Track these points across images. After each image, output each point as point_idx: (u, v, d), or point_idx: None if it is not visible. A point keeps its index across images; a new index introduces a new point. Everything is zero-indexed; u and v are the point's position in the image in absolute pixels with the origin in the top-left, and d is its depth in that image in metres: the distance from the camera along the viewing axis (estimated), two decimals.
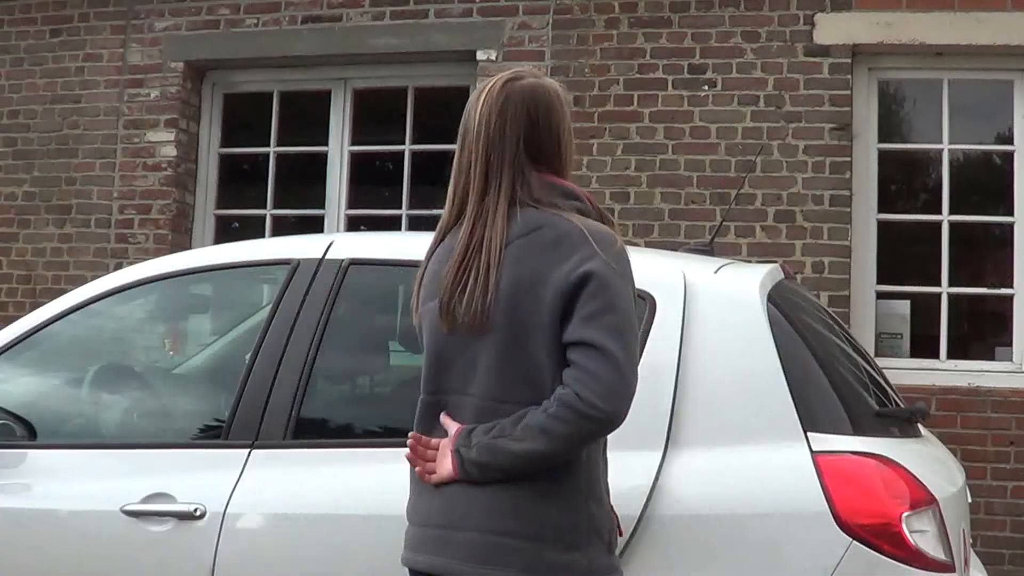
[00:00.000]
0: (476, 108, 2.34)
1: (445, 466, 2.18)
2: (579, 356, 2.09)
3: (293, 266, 3.27)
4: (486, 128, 2.29)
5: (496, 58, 6.31)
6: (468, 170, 2.29)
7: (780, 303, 2.99)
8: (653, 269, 3.03)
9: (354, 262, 3.25)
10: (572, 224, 2.19)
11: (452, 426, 2.21)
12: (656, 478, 2.74)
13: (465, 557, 2.14)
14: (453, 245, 2.25)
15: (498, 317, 2.16)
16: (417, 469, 2.25)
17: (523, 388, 2.15)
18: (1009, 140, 6.07)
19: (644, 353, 2.71)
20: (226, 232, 6.91)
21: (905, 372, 5.57)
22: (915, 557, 2.61)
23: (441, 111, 6.95)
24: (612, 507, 2.29)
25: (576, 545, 2.15)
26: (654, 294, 2.90)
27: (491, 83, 2.35)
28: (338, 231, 6.53)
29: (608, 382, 2.06)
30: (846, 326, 4.55)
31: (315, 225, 6.71)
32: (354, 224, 6.72)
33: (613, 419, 2.08)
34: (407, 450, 2.27)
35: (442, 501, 2.20)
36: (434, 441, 2.23)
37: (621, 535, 2.33)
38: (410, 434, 2.27)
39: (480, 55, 6.34)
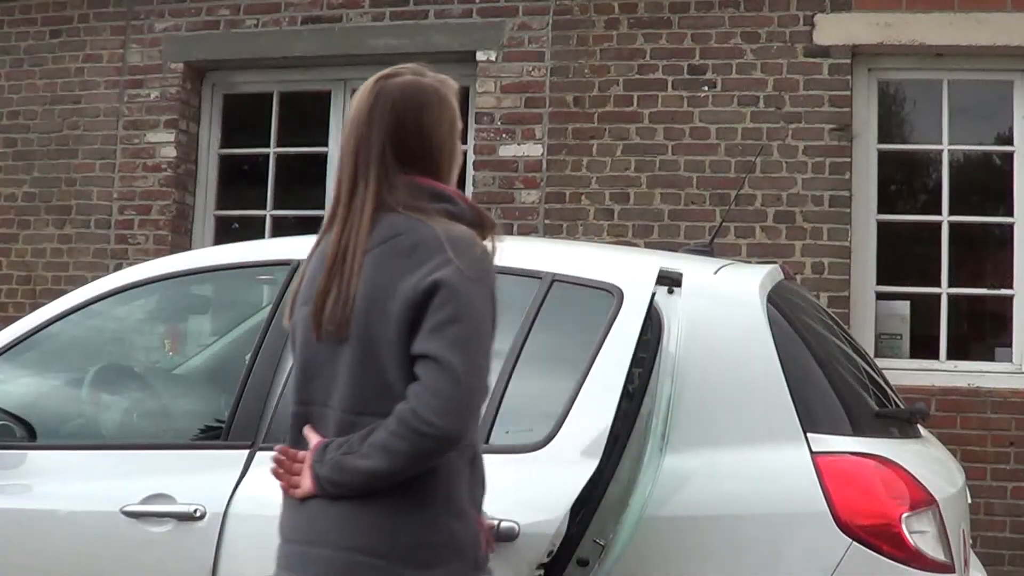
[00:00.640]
0: (351, 108, 2.26)
1: (306, 481, 2.11)
2: (421, 370, 2.01)
3: (293, 267, 3.27)
4: (355, 129, 2.22)
5: (496, 59, 6.31)
6: (340, 173, 2.24)
7: (780, 304, 2.99)
8: (624, 263, 3.07)
9: None
10: (431, 230, 2.11)
11: (313, 440, 2.14)
12: (655, 478, 2.74)
13: (322, 573, 2.08)
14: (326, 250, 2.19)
15: (354, 328, 2.09)
16: (281, 484, 2.19)
17: (378, 401, 2.07)
18: (1009, 141, 6.07)
19: (604, 346, 2.73)
20: (226, 233, 6.91)
21: (905, 373, 5.57)
22: (915, 558, 2.61)
23: None
24: (482, 521, 2.19)
25: (431, 563, 2.07)
26: (622, 287, 2.88)
27: (367, 81, 2.27)
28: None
29: (446, 397, 1.98)
30: (846, 327, 4.56)
31: (315, 226, 6.56)
32: None
33: (450, 436, 1.99)
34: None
35: (305, 517, 2.13)
36: (300, 454, 2.15)
37: (492, 551, 2.22)
38: (277, 447, 2.21)
39: (480, 56, 6.34)
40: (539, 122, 6.24)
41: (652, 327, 2.95)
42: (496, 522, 2.45)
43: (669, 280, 2.99)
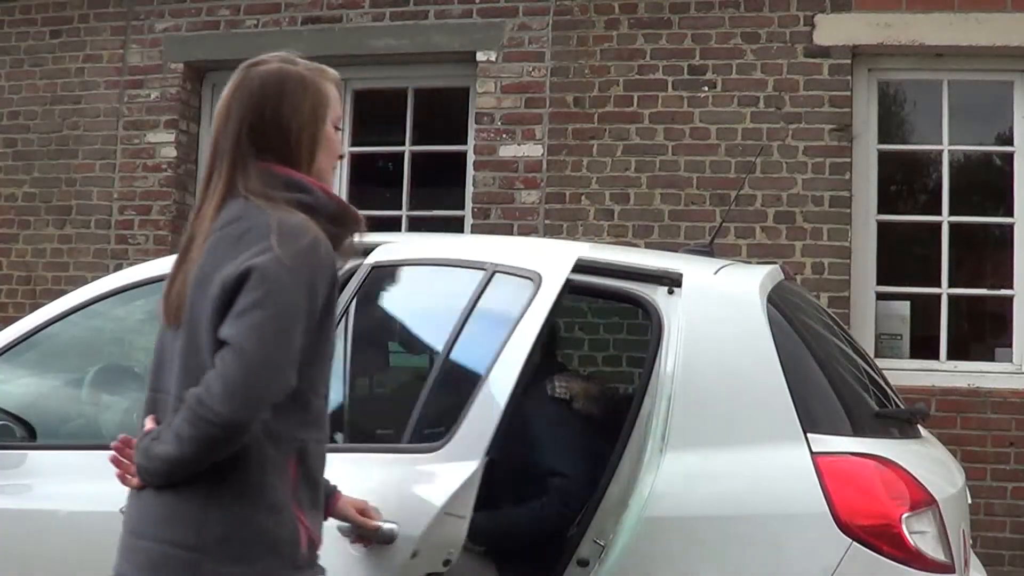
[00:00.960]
0: (222, 94, 2.26)
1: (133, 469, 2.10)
2: (218, 355, 1.97)
3: None
4: (217, 117, 2.21)
5: (496, 59, 6.30)
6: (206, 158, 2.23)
7: (780, 304, 3.00)
8: (548, 251, 3.10)
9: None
10: (267, 217, 2.06)
11: (147, 427, 2.10)
12: (655, 478, 2.74)
13: (141, 565, 2.05)
14: None
15: (184, 313, 2.08)
16: (117, 472, 2.15)
17: None
18: (1009, 141, 6.07)
19: (513, 334, 2.68)
20: None
21: (905, 373, 5.56)
22: (915, 558, 2.61)
23: (441, 112, 6.95)
24: (304, 518, 2.10)
25: (241, 558, 2.01)
26: (541, 272, 2.86)
27: (238, 69, 2.26)
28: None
29: (232, 383, 1.92)
30: (846, 327, 4.55)
31: None
32: None
33: (234, 423, 1.93)
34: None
35: (135, 507, 2.11)
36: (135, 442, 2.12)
37: (316, 547, 2.15)
38: (120, 436, 2.18)
39: (480, 56, 6.34)
40: (539, 122, 6.23)
41: (652, 327, 2.95)
42: (381, 525, 2.40)
43: (669, 280, 3.00)
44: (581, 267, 3.10)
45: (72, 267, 6.73)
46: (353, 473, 2.49)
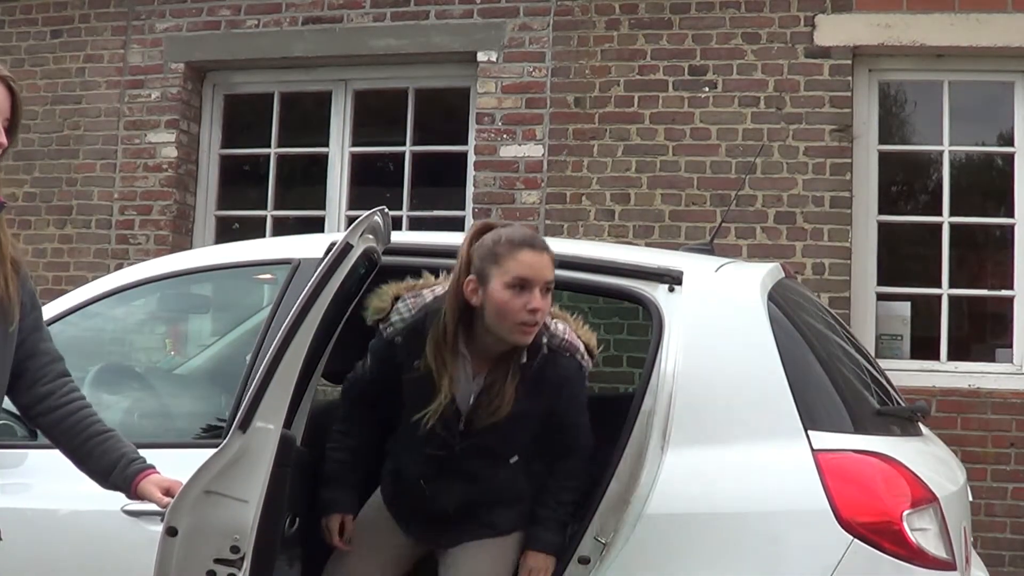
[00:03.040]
0: None
1: None
2: None
3: (294, 266, 3.27)
4: None
5: (497, 59, 6.31)
6: None
7: (781, 302, 2.99)
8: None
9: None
10: None
11: None
12: (656, 476, 2.74)
13: None
14: None
15: None
16: None
17: None
18: (1010, 142, 6.07)
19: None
20: (227, 233, 6.90)
21: (905, 374, 5.56)
22: (916, 555, 2.61)
23: (442, 112, 6.96)
24: None
25: None
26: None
27: None
28: (339, 232, 6.52)
29: None
30: (846, 325, 4.55)
31: (316, 226, 6.71)
32: None
33: None
34: None
35: None
36: None
37: None
38: None
39: (481, 56, 6.34)
40: (540, 123, 6.24)
41: (653, 325, 2.95)
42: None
43: (669, 278, 3.00)
44: (582, 265, 3.11)
45: (72, 267, 6.73)
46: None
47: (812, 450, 2.69)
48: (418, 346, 2.87)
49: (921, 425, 3.41)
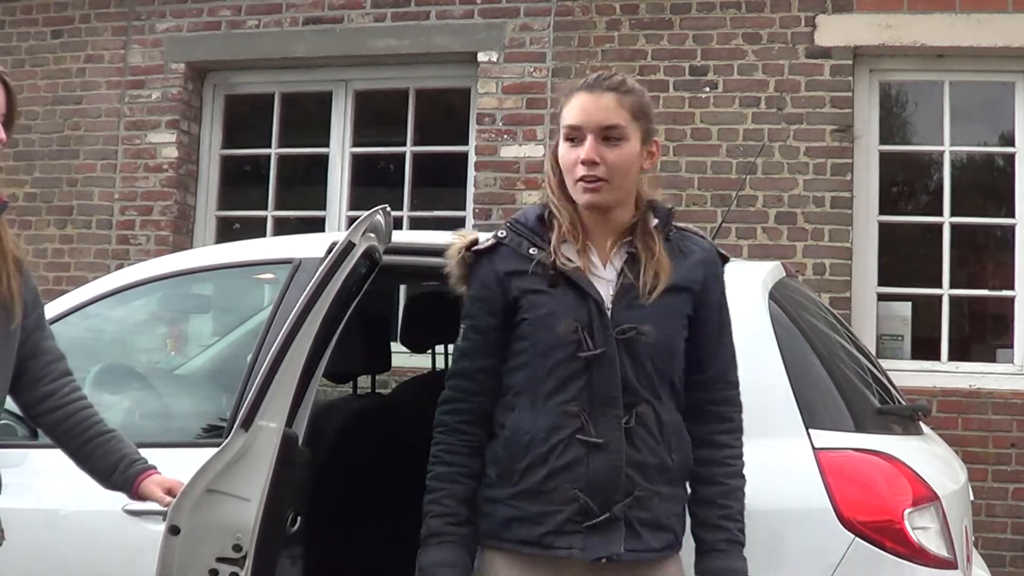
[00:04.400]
0: None
1: None
2: None
3: (295, 265, 3.27)
4: None
5: (497, 59, 6.31)
6: None
7: (782, 300, 3.00)
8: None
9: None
10: None
11: None
12: None
13: None
14: None
15: None
16: None
17: None
18: (1010, 142, 6.07)
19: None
20: (227, 233, 6.91)
21: (906, 374, 5.55)
22: (917, 554, 2.61)
23: (442, 113, 6.96)
24: None
25: None
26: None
27: None
28: (339, 232, 6.52)
29: None
30: (847, 324, 4.55)
31: (316, 226, 6.71)
32: None
33: None
34: None
35: None
36: None
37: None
38: None
39: (481, 56, 6.34)
40: (540, 123, 6.24)
41: None
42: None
43: None
44: None
45: (73, 267, 6.73)
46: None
47: (813, 448, 2.70)
48: (525, 261, 2.35)
49: (922, 424, 3.41)
